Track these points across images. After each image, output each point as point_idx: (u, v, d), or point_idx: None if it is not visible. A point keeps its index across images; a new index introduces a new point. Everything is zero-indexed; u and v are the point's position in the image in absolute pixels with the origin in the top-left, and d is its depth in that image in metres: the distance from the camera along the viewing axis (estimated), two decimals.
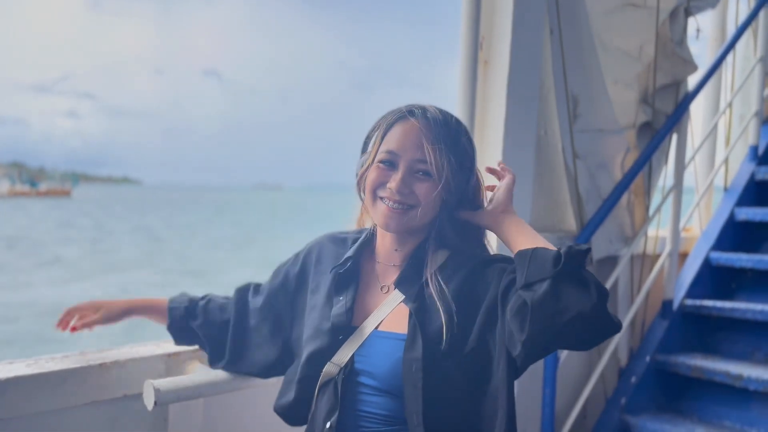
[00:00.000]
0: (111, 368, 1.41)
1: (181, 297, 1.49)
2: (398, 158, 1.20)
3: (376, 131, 1.25)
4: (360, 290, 1.29)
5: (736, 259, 2.91)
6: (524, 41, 2.12)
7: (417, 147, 1.19)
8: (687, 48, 2.71)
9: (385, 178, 1.20)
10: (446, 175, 1.19)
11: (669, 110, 2.72)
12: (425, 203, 1.19)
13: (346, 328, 1.23)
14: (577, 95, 2.42)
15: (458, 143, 1.22)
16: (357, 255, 1.31)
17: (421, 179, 1.19)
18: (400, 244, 1.27)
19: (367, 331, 1.22)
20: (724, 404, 2.56)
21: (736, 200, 3.21)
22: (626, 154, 2.65)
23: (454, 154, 1.21)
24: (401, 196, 1.18)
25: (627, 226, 2.71)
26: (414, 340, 1.15)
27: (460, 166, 1.22)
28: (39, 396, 1.31)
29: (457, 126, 1.25)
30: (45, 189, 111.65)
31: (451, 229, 1.25)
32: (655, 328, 2.81)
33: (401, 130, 1.21)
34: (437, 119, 1.21)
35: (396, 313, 1.21)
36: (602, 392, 2.71)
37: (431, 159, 1.18)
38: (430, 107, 1.24)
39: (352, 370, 1.19)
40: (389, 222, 1.20)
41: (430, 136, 1.19)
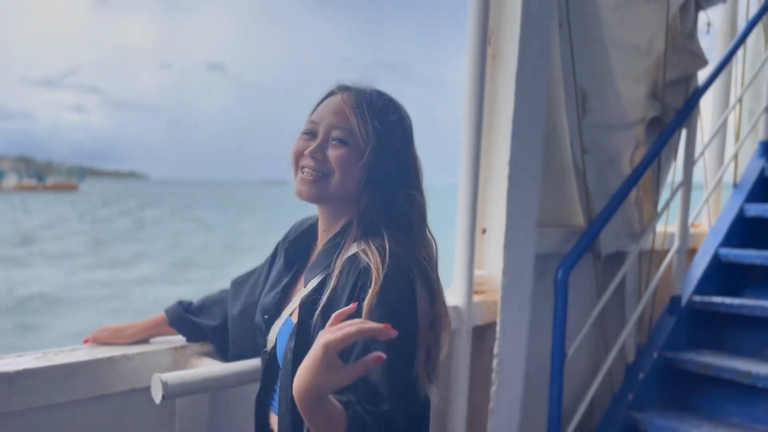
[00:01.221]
0: (119, 362, 1.41)
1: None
2: (318, 126, 1.19)
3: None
4: (299, 273, 1.29)
5: (745, 255, 2.89)
6: (533, 35, 2.10)
7: (335, 114, 1.18)
8: (697, 42, 2.69)
9: (305, 147, 1.18)
10: (364, 143, 1.15)
11: (678, 105, 2.70)
12: (340, 170, 1.16)
13: (270, 309, 1.26)
14: (586, 90, 2.41)
15: (383, 115, 1.18)
16: (304, 237, 1.32)
17: (336, 146, 1.16)
18: (327, 225, 1.24)
19: (284, 317, 1.23)
20: (732, 401, 2.55)
21: (746, 196, 3.19)
22: (635, 149, 2.64)
23: (378, 126, 1.17)
24: (315, 162, 1.16)
25: (635, 221, 2.70)
26: (294, 330, 1.15)
27: (383, 140, 1.17)
28: (48, 389, 1.31)
29: (388, 102, 1.21)
30: (52, 183, 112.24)
31: (380, 211, 1.17)
32: (663, 324, 2.80)
33: (327, 101, 1.21)
34: (363, 91, 1.20)
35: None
36: (609, 388, 2.70)
37: (348, 125, 1.16)
38: (367, 86, 1.22)
39: (273, 353, 1.23)
40: (302, 189, 1.18)
41: (350, 104, 1.18)
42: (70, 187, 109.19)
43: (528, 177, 2.16)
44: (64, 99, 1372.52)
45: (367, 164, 1.17)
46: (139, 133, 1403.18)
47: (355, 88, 1.21)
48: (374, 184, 1.18)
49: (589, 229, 2.35)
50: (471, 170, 2.08)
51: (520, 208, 2.13)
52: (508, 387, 2.17)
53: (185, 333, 1.52)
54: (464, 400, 2.14)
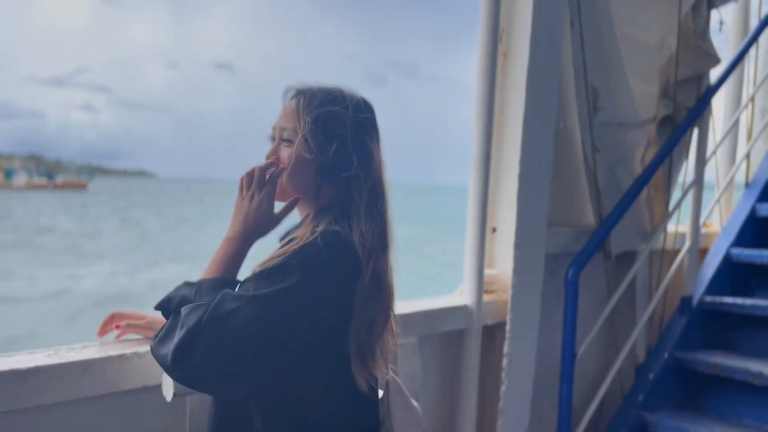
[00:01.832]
0: (131, 359, 1.41)
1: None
2: (274, 130, 1.29)
3: None
4: None
5: (757, 255, 2.87)
6: (544, 33, 2.09)
7: (281, 117, 1.27)
8: (710, 40, 2.66)
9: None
10: (304, 138, 1.22)
11: (690, 104, 2.68)
12: (288, 166, 1.24)
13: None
14: (597, 88, 2.40)
15: (325, 111, 1.23)
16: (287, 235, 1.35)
17: (285, 146, 1.26)
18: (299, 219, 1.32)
19: None
20: (744, 402, 2.53)
21: (758, 196, 3.17)
22: (646, 148, 2.62)
23: (319, 121, 1.22)
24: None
25: (646, 221, 2.68)
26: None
27: (325, 133, 1.22)
28: (59, 386, 1.31)
29: (332, 96, 1.26)
30: (62, 182, 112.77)
31: (331, 202, 1.24)
32: (674, 324, 2.78)
33: (282, 107, 1.29)
34: (307, 91, 1.26)
35: None
36: (619, 389, 2.69)
37: (291, 125, 1.24)
38: (315, 86, 1.28)
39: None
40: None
41: (293, 105, 1.25)
42: (80, 185, 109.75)
43: (538, 176, 2.15)
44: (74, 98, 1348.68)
45: (312, 159, 1.23)
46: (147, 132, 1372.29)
47: (302, 89, 1.28)
48: (326, 177, 1.24)
49: (600, 228, 2.34)
50: (481, 169, 2.07)
51: (530, 207, 2.13)
52: (517, 386, 2.16)
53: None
54: (474, 399, 2.13)
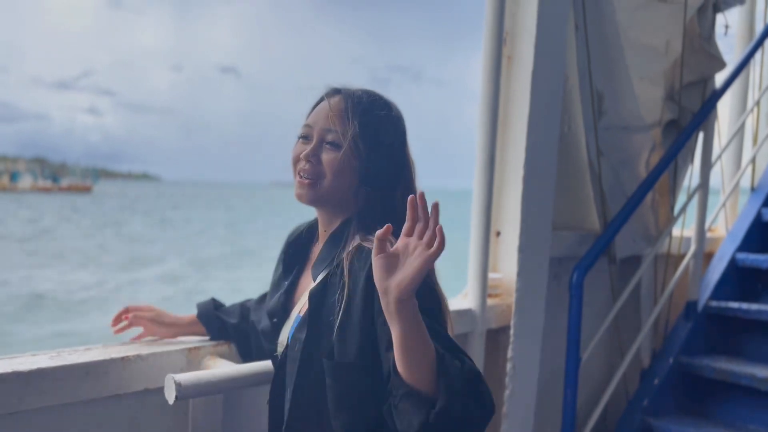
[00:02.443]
0: (133, 362, 1.41)
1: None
2: (312, 131, 1.23)
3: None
4: (301, 274, 1.34)
5: (763, 260, 2.86)
6: (549, 36, 2.09)
7: (326, 118, 1.21)
8: (715, 44, 2.66)
9: (302, 151, 1.22)
10: (354, 143, 1.18)
11: (695, 108, 2.67)
12: (331, 173, 1.19)
13: (278, 312, 1.30)
14: (602, 92, 2.39)
15: (374, 117, 1.21)
16: (303, 240, 1.36)
17: (329, 149, 1.20)
18: (326, 224, 1.28)
19: (294, 315, 1.26)
20: (749, 408, 2.51)
21: (763, 201, 3.16)
22: (651, 152, 2.61)
23: (368, 127, 1.20)
24: (310, 166, 1.20)
25: (651, 225, 2.67)
26: (303, 321, 1.18)
27: (375, 140, 1.20)
28: (61, 388, 1.31)
29: (377, 100, 1.24)
30: (67, 184, 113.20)
31: (374, 209, 1.22)
32: (679, 329, 2.77)
33: (320, 106, 1.25)
34: (352, 93, 1.23)
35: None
36: (624, 394, 2.67)
37: (338, 128, 1.19)
38: (357, 89, 1.25)
39: (285, 354, 1.23)
40: (300, 193, 1.21)
41: (340, 107, 1.21)
42: (85, 188, 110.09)
43: (543, 179, 2.14)
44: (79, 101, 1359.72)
45: (359, 165, 1.20)
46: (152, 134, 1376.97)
47: (344, 90, 1.24)
48: (369, 183, 1.21)
49: (605, 232, 2.33)
50: (486, 172, 2.06)
51: (534, 210, 2.12)
52: (521, 391, 2.15)
53: (210, 329, 1.55)
54: None
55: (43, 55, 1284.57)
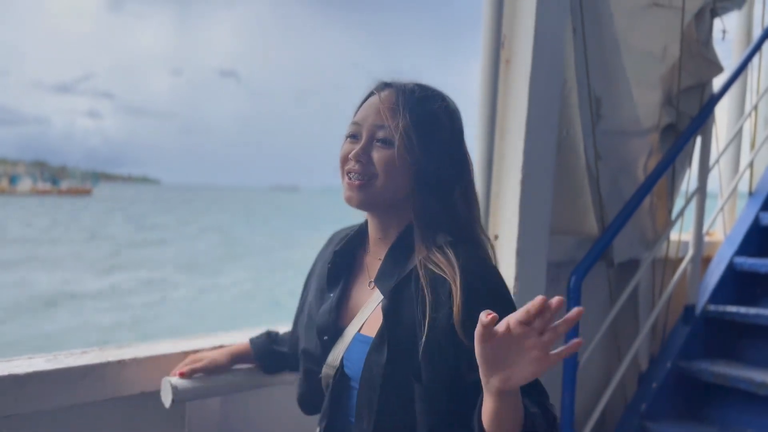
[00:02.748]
0: (129, 365, 1.41)
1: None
2: (361, 128, 1.13)
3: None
4: (350, 286, 1.22)
5: (761, 264, 2.86)
6: (547, 40, 2.09)
7: (377, 114, 1.12)
8: (712, 49, 2.67)
9: (350, 151, 1.13)
10: (409, 141, 1.09)
11: (693, 112, 2.68)
12: (384, 172, 1.09)
13: (330, 329, 1.18)
14: (600, 96, 2.39)
15: (428, 110, 1.12)
16: (349, 248, 1.25)
17: (380, 148, 1.11)
18: (382, 231, 1.18)
19: (351, 333, 1.15)
20: (748, 412, 2.51)
21: (761, 205, 3.16)
22: (649, 156, 2.62)
23: (422, 121, 1.10)
24: (360, 166, 1.10)
25: (649, 229, 2.68)
26: (381, 342, 1.07)
27: (430, 135, 1.11)
28: (58, 391, 1.31)
29: (431, 92, 1.15)
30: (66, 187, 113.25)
31: (432, 212, 1.12)
32: (677, 333, 2.77)
33: (369, 101, 1.16)
34: (404, 86, 1.14)
35: (377, 313, 1.12)
36: (622, 398, 2.67)
37: (390, 124, 1.09)
38: (408, 81, 1.16)
39: (342, 374, 1.15)
40: (350, 195, 1.12)
41: (391, 102, 1.11)
42: (84, 191, 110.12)
43: (541, 183, 2.14)
44: (79, 104, 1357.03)
45: (414, 164, 1.10)
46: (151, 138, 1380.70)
47: (395, 84, 1.15)
48: (425, 184, 1.11)
49: (603, 236, 2.33)
50: (483, 176, 2.07)
51: (532, 214, 2.12)
52: None
53: (266, 366, 1.46)
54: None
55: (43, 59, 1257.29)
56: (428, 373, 1.03)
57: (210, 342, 1.58)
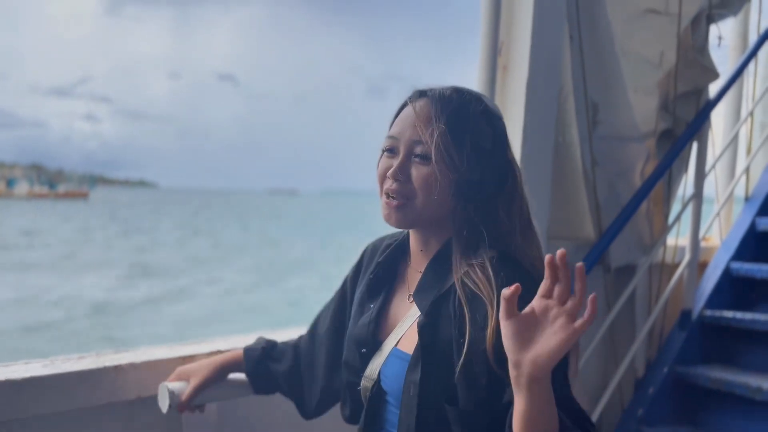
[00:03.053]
0: (126, 370, 1.40)
1: (258, 341, 1.44)
2: (398, 142, 1.07)
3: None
4: (390, 298, 1.18)
5: (757, 269, 2.86)
6: (544, 47, 2.10)
7: (413, 127, 1.05)
8: (708, 55, 2.68)
9: (388, 166, 1.07)
10: (448, 155, 1.02)
11: (690, 118, 2.69)
12: (423, 191, 1.04)
13: (368, 342, 1.14)
14: (596, 102, 2.40)
15: (468, 119, 1.05)
16: (391, 259, 1.20)
17: (419, 163, 1.04)
18: (423, 244, 1.13)
19: (388, 348, 1.12)
20: (744, 417, 2.51)
21: (757, 210, 3.16)
22: (646, 161, 2.62)
23: (461, 131, 1.04)
24: (398, 185, 1.05)
25: (646, 234, 2.68)
26: (417, 360, 1.04)
27: (472, 146, 1.04)
28: (54, 397, 1.31)
29: (470, 100, 1.08)
30: (63, 191, 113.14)
31: (474, 226, 1.06)
32: (674, 338, 2.77)
33: (403, 113, 1.10)
34: (441, 95, 1.07)
35: (414, 329, 1.08)
36: (619, 403, 2.67)
37: (428, 138, 1.03)
38: (442, 87, 1.10)
39: (379, 388, 1.12)
40: (389, 214, 1.07)
41: (428, 113, 1.05)
42: (81, 194, 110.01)
43: (538, 188, 2.15)
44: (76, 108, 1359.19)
45: (455, 179, 1.04)
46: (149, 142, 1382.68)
47: (430, 92, 1.09)
48: (467, 198, 1.06)
49: (600, 241, 2.34)
50: None
51: None
52: None
53: (257, 386, 1.41)
54: None
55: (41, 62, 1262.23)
56: (464, 396, 0.99)
57: (207, 347, 1.57)
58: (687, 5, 2.56)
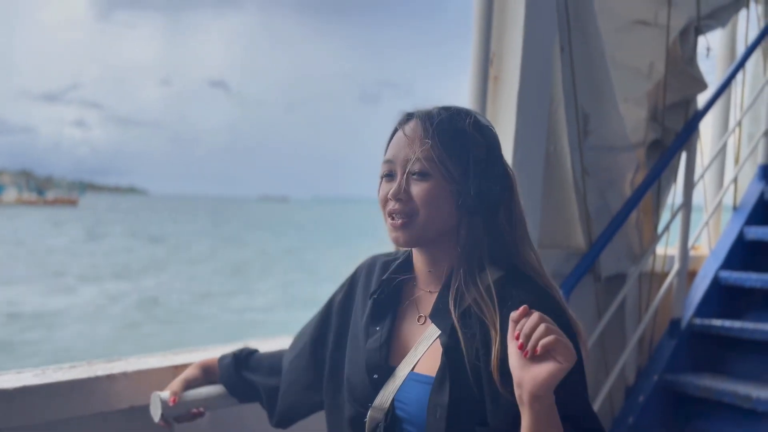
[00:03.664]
0: (118, 379, 1.40)
1: (241, 350, 1.45)
2: (394, 165, 1.09)
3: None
4: (398, 320, 1.15)
5: (746, 278, 2.89)
6: (535, 57, 2.12)
7: (406, 148, 1.07)
8: (697, 66, 2.71)
9: (388, 190, 1.08)
10: (444, 168, 1.04)
11: (679, 128, 2.72)
12: (425, 206, 1.05)
13: (380, 367, 1.11)
14: (587, 112, 2.42)
15: (458, 131, 1.07)
16: (395, 278, 1.18)
17: (417, 181, 1.06)
18: (432, 263, 1.12)
19: (403, 373, 1.08)
20: (733, 425, 2.53)
21: (745, 219, 3.20)
22: (636, 171, 2.65)
23: (453, 144, 1.06)
24: (400, 204, 1.06)
25: (635, 243, 2.70)
26: (442, 382, 1.02)
27: (467, 157, 1.06)
28: (46, 406, 1.30)
29: (457, 113, 1.10)
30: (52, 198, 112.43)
31: (478, 239, 1.07)
32: (663, 347, 2.79)
33: (396, 136, 1.11)
34: (428, 113, 1.09)
35: (433, 351, 1.06)
36: (609, 411, 2.68)
37: (424, 155, 1.04)
38: (431, 107, 1.12)
39: (394, 417, 1.07)
40: (396, 235, 1.07)
41: (418, 133, 1.07)
42: (70, 201, 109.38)
43: (529, 198, 2.16)
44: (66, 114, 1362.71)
45: (455, 191, 1.05)
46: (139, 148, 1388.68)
47: (417, 112, 1.11)
48: (470, 209, 1.07)
49: (590, 250, 2.35)
50: None
51: None
52: None
53: (235, 393, 1.42)
54: None
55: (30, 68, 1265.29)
56: (495, 415, 0.99)
57: (199, 356, 1.57)
58: (676, 17, 2.60)
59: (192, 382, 1.41)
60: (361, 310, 1.22)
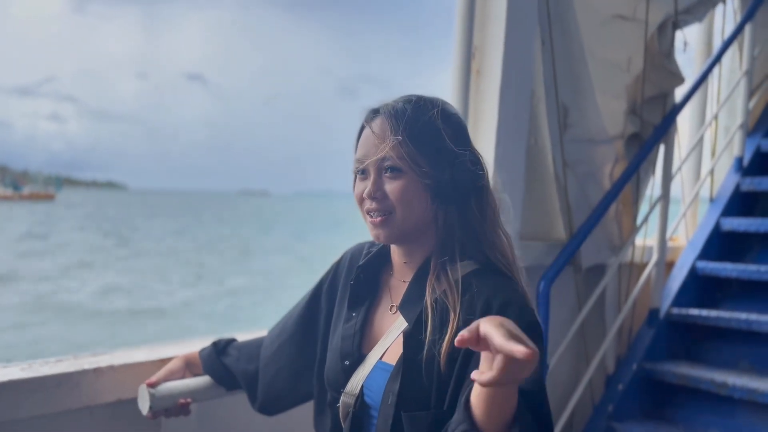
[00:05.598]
0: (105, 373, 1.40)
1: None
2: (366, 164, 1.09)
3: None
4: (374, 308, 1.18)
5: (722, 268, 2.95)
6: (516, 52, 2.15)
7: (375, 146, 1.07)
8: (674, 60, 2.75)
9: (363, 188, 1.10)
10: (414, 162, 1.05)
11: (656, 121, 2.76)
12: (400, 202, 1.06)
13: (352, 354, 1.14)
14: (567, 105, 2.46)
15: (424, 123, 1.07)
16: (373, 266, 1.21)
17: (390, 178, 1.07)
18: (407, 255, 1.14)
19: (372, 361, 1.11)
20: (710, 412, 2.59)
21: (722, 210, 3.25)
22: (615, 164, 2.69)
23: (421, 136, 1.06)
24: (376, 202, 1.07)
25: (615, 235, 2.75)
26: (399, 370, 1.05)
27: (436, 148, 1.07)
28: (33, 400, 1.30)
29: (422, 104, 1.09)
30: (28, 193, 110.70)
31: (451, 229, 1.09)
32: (642, 336, 2.84)
33: (364, 135, 1.12)
34: (394, 108, 1.09)
35: (400, 340, 1.08)
36: (590, 399, 2.73)
37: (393, 152, 1.05)
38: (394, 100, 1.12)
39: (363, 403, 1.10)
40: (377, 233, 1.09)
41: (385, 129, 1.07)
42: (47, 196, 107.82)
43: (511, 191, 2.19)
44: (41, 107, 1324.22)
45: (428, 184, 1.06)
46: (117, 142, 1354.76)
47: (382, 108, 1.11)
48: (445, 199, 1.08)
49: (571, 242, 2.39)
50: None
51: (503, 221, 2.16)
52: None
53: (222, 383, 1.43)
54: None
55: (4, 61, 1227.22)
56: (438, 400, 1.01)
57: (186, 348, 1.58)
58: (654, 12, 2.63)
59: (175, 374, 1.42)
60: (341, 296, 1.25)
